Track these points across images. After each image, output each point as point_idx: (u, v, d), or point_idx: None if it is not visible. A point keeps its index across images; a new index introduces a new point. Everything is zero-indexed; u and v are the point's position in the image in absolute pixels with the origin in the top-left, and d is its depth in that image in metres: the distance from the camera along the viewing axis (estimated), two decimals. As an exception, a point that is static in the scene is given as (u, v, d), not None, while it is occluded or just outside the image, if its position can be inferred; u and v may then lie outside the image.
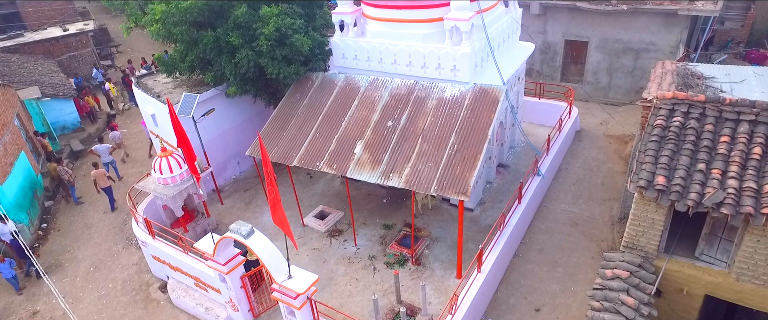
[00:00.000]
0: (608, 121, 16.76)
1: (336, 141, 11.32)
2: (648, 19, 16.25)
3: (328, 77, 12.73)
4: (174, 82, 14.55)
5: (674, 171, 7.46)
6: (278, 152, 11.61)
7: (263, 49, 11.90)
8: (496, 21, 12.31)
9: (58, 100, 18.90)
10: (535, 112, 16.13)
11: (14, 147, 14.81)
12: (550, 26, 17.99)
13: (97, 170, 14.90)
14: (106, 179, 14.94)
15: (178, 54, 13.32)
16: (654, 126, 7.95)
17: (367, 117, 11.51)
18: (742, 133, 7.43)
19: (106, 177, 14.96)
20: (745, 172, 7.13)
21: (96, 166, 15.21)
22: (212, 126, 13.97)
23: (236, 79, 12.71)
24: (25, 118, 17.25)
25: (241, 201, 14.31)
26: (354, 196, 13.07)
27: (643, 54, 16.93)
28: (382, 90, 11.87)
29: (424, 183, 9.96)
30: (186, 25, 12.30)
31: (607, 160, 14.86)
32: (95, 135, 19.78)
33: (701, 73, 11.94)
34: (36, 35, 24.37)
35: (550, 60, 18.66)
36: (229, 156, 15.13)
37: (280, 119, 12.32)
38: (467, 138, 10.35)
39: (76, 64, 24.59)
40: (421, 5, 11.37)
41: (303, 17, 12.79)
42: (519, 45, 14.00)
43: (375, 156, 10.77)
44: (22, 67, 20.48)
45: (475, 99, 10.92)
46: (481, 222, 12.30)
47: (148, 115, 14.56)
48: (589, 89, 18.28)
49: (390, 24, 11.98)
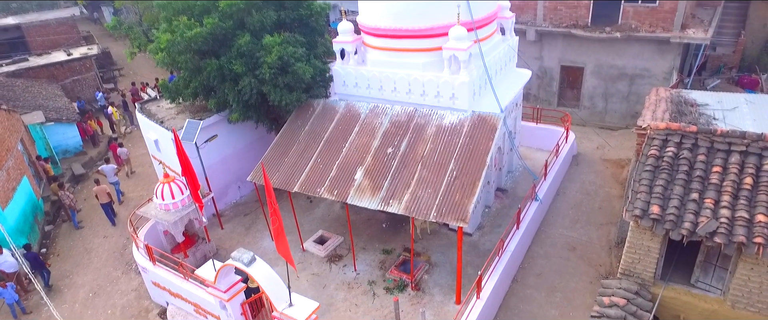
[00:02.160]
0: (604, 146, 17.00)
1: (337, 167, 11.49)
2: (641, 46, 16.65)
3: (330, 104, 12.98)
4: (177, 108, 14.79)
5: (668, 200, 7.64)
6: (279, 178, 11.77)
7: (266, 77, 12.17)
8: (493, 49, 12.63)
9: (61, 124, 19.11)
10: (533, 136, 16.36)
11: (17, 171, 14.95)
12: (546, 52, 18.38)
13: (99, 187, 15.40)
14: (107, 195, 15.44)
15: (182, 81, 13.59)
16: (648, 156, 8.15)
17: (368, 143, 11.71)
18: (733, 164, 7.63)
19: (106, 193, 15.44)
20: (737, 202, 7.30)
21: (98, 183, 15.69)
22: (214, 151, 14.14)
23: (239, 106, 12.95)
24: (28, 143, 17.42)
25: (242, 226, 14.40)
26: (354, 221, 13.17)
27: (637, 79, 17.28)
28: (382, 117, 12.10)
29: (424, 210, 10.10)
30: (190, 53, 12.59)
31: (604, 184, 15.04)
32: (97, 158, 19.98)
33: (694, 100, 12.23)
34: (40, 60, 24.73)
35: (547, 85, 19.00)
36: (230, 180, 15.27)
37: (282, 145, 12.51)
38: (466, 165, 10.53)
39: (79, 88, 24.90)
40: (421, 35, 11.69)
41: (305, 46, 13.10)
42: (516, 72, 14.31)
43: (375, 182, 10.93)
44: (26, 91, 20.75)
45: (473, 126, 11.14)
46: (480, 246, 12.40)
47: (150, 141, 14.75)
48: (586, 114, 18.57)
49: (390, 53, 12.28)
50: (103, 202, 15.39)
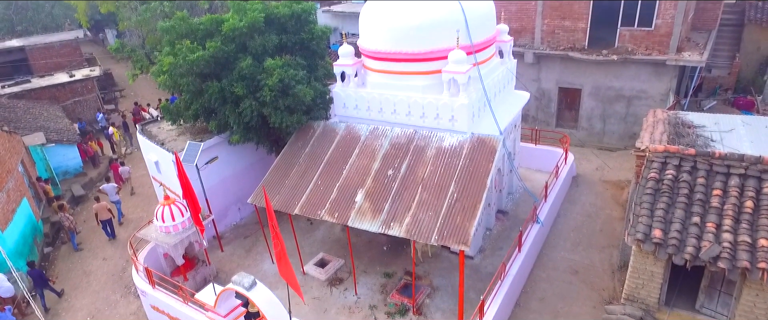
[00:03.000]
0: (604, 167, 17.05)
1: (337, 189, 11.50)
2: (638, 68, 16.86)
3: (330, 126, 13.06)
4: (178, 130, 14.86)
5: (670, 224, 7.64)
6: (280, 200, 11.76)
7: (267, 99, 12.27)
8: (491, 72, 12.79)
9: (62, 145, 19.16)
10: (532, 157, 16.42)
11: (17, 193, 14.93)
12: (543, 74, 18.60)
13: (99, 204, 15.57)
14: (107, 212, 15.61)
15: (183, 103, 13.70)
16: (648, 179, 8.19)
17: (368, 165, 11.74)
18: (733, 187, 7.66)
19: (107, 209, 15.59)
20: (739, 226, 7.31)
21: (98, 200, 15.84)
22: (214, 172, 14.15)
23: (240, 128, 13.02)
24: (28, 164, 17.44)
25: (242, 249, 14.31)
26: (354, 243, 13.11)
27: (634, 101, 17.44)
28: (382, 139, 12.17)
29: (425, 233, 10.07)
30: (192, 76, 12.71)
31: (605, 205, 15.04)
32: (97, 179, 19.98)
33: (691, 121, 12.32)
34: (43, 81, 24.94)
35: (545, 106, 19.16)
36: (230, 202, 15.25)
37: (282, 167, 12.53)
38: (466, 187, 10.55)
39: (81, 109, 25.05)
40: (420, 58, 11.84)
41: (306, 68, 13.24)
42: (514, 94, 14.45)
43: (376, 204, 10.92)
44: (27, 112, 20.86)
45: (473, 148, 11.20)
46: (482, 270, 12.32)
47: (151, 162, 14.78)
48: (584, 135, 18.69)
49: (390, 75, 12.42)
50: (103, 219, 15.57)
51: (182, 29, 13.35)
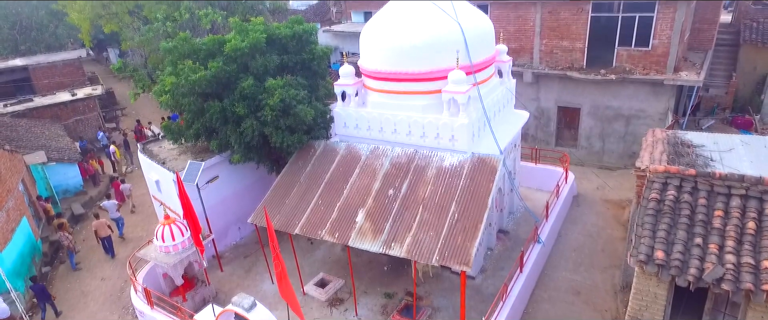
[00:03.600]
0: (604, 186, 17.05)
1: (338, 209, 11.48)
2: (636, 88, 17.00)
3: (330, 145, 13.10)
4: (179, 149, 14.90)
5: (672, 245, 7.61)
6: (280, 220, 11.72)
7: (268, 119, 12.34)
8: (491, 92, 12.89)
9: (63, 163, 19.18)
10: (532, 176, 16.43)
11: (17, 212, 14.88)
12: (542, 93, 18.74)
13: (99, 221, 15.68)
14: (107, 229, 15.68)
15: (185, 122, 13.77)
16: (649, 199, 8.18)
17: (369, 185, 11.75)
18: (734, 208, 7.66)
19: (106, 226, 15.66)
20: (742, 247, 7.28)
21: (97, 217, 16.01)
22: (214, 192, 14.14)
23: (241, 148, 13.06)
24: (29, 183, 17.43)
25: (241, 268, 14.21)
26: (355, 263, 13.01)
27: (633, 120, 17.54)
28: (382, 158, 12.20)
29: (426, 253, 10.02)
30: (194, 96, 12.81)
31: (606, 225, 14.99)
32: (97, 198, 19.94)
33: (691, 141, 12.36)
34: (45, 100, 25.09)
35: (544, 125, 19.26)
36: (231, 221, 15.20)
37: (283, 187, 12.53)
38: (467, 207, 10.53)
39: (82, 128, 25.15)
40: (420, 78, 11.95)
41: (307, 88, 13.35)
42: (514, 113, 14.53)
43: (376, 224, 10.89)
44: (29, 131, 20.94)
45: (473, 168, 11.22)
46: (484, 290, 12.21)
47: (152, 181, 14.78)
48: (584, 154, 18.73)
49: (390, 95, 12.51)
50: (102, 236, 15.63)
51: (185, 49, 13.50)
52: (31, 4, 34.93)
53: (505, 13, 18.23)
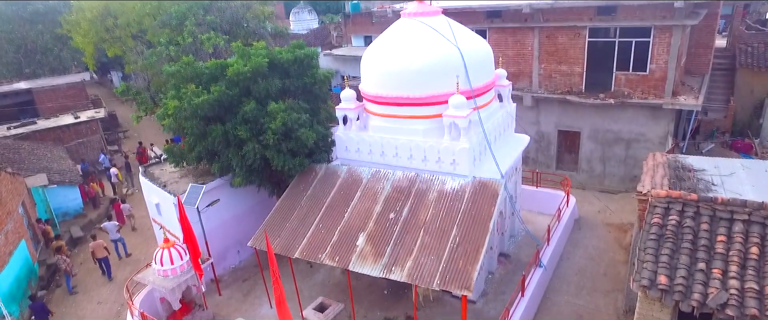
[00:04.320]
0: (605, 210, 17.00)
1: (338, 232, 11.43)
2: (635, 112, 17.12)
3: (332, 169, 13.13)
4: (180, 172, 14.92)
5: (675, 270, 7.56)
6: (281, 243, 11.66)
7: (270, 142, 12.40)
8: (491, 116, 12.98)
9: (64, 186, 19.19)
10: (534, 200, 16.40)
11: (15, 235, 14.82)
12: (542, 117, 18.86)
13: (96, 242, 15.71)
14: (103, 250, 15.71)
15: (187, 145, 13.83)
16: (651, 224, 8.16)
17: (370, 208, 11.72)
18: (737, 233, 7.63)
19: (103, 247, 15.69)
20: (746, 272, 7.23)
21: (94, 238, 16.01)
22: (214, 215, 14.09)
23: (242, 171, 13.08)
24: (29, 205, 17.40)
25: (240, 292, 14.06)
26: (355, 286, 12.87)
27: (633, 144, 17.60)
28: (384, 182, 12.20)
29: (427, 277, 9.93)
30: (197, 119, 12.90)
31: (608, 248, 14.89)
32: (96, 221, 19.87)
33: (691, 165, 12.41)
34: (48, 122, 25.26)
35: (545, 149, 19.32)
36: (230, 244, 15.11)
37: (283, 210, 12.50)
38: (469, 231, 10.49)
39: (84, 150, 25.23)
40: (421, 103, 12.05)
41: (308, 111, 13.46)
42: (514, 137, 14.60)
43: (377, 248, 10.83)
44: (31, 153, 21.01)
45: (475, 192, 11.21)
46: (485, 314, 12.05)
47: (152, 204, 14.76)
48: (585, 177, 18.74)
49: (391, 119, 12.60)
50: (99, 257, 15.66)
51: (188, 73, 13.64)
52: (36, 28, 35.53)
53: (503, 38, 18.50)
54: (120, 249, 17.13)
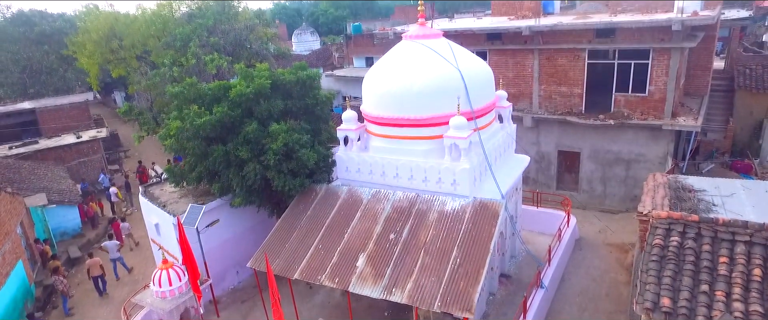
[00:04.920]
0: (606, 230, 16.92)
1: (338, 253, 11.36)
2: (635, 133, 17.20)
3: (332, 189, 13.12)
4: (180, 192, 14.92)
5: (678, 292, 7.49)
6: (280, 264, 11.58)
7: (271, 163, 12.44)
8: (492, 137, 13.04)
9: (63, 206, 19.15)
10: (534, 220, 16.33)
11: (13, 256, 14.72)
12: (542, 138, 18.94)
13: (92, 259, 15.79)
14: (99, 268, 15.72)
15: (188, 165, 13.86)
16: (653, 245, 8.12)
17: (370, 229, 11.68)
18: (739, 254, 7.59)
19: (99, 265, 15.72)
20: (749, 294, 7.16)
21: (91, 256, 16.12)
22: (214, 235, 14.03)
23: (242, 191, 13.08)
24: (27, 225, 17.35)
25: (238, 314, 13.89)
26: (354, 308, 12.73)
27: (633, 164, 17.62)
28: (384, 202, 12.19)
29: (428, 299, 9.84)
30: (198, 140, 12.97)
31: (610, 269, 14.77)
32: (95, 240, 19.78)
33: (692, 185, 12.40)
34: (50, 142, 25.36)
35: (545, 169, 19.34)
36: (229, 265, 15.00)
37: (283, 230, 12.46)
38: (469, 252, 10.43)
39: (85, 169, 25.27)
40: (422, 124, 12.12)
41: (309, 132, 13.53)
42: (515, 158, 14.62)
43: (377, 269, 10.75)
44: (32, 173, 21.05)
45: (475, 212, 11.19)
46: (487, 338, 11.89)
47: (151, 224, 14.71)
48: (585, 197, 18.70)
49: (392, 140, 12.64)
50: (95, 275, 15.67)
51: (191, 94, 13.78)
52: (42, 49, 36.01)
53: (503, 60, 18.72)
54: (118, 269, 17.02)
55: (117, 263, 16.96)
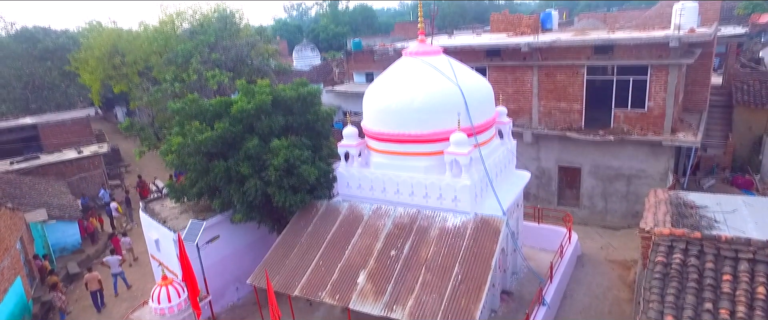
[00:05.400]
0: (608, 246, 16.84)
1: (339, 270, 11.30)
2: (635, 148, 17.22)
3: (333, 205, 13.10)
4: (181, 208, 14.89)
5: (682, 310, 7.43)
6: (280, 280, 11.51)
7: (272, 179, 12.45)
8: (492, 153, 13.06)
9: (63, 221, 19.09)
10: (536, 236, 16.25)
11: (11, 272, 14.63)
12: (543, 153, 18.96)
13: (91, 274, 15.79)
14: (97, 282, 15.72)
15: (188, 181, 13.86)
16: (656, 263, 8.08)
17: (371, 245, 11.63)
18: (743, 272, 7.55)
19: (97, 280, 15.73)
20: (753, 313, 7.10)
21: (90, 270, 16.12)
22: (214, 251, 13.97)
23: (243, 207, 13.06)
24: (27, 241, 17.27)
25: (238, 331, 13.76)
26: (355, 326, 12.62)
27: (634, 180, 17.61)
28: (385, 218, 12.16)
29: (429, 316, 9.76)
30: (200, 155, 13.00)
31: (612, 286, 14.65)
32: (94, 256, 19.67)
33: (693, 202, 12.39)
34: (51, 157, 25.38)
35: (546, 185, 19.32)
36: (229, 281, 14.89)
37: (284, 247, 12.41)
38: (471, 268, 10.37)
39: (86, 185, 25.24)
40: (423, 140, 12.16)
41: (310, 148, 13.56)
42: (515, 174, 14.62)
43: (378, 286, 10.68)
44: (33, 188, 21.02)
45: (476, 229, 11.16)
46: (489, 356, 11.75)
47: (151, 240, 14.65)
48: (586, 213, 18.65)
49: (393, 156, 12.66)
50: (93, 289, 15.64)
51: (192, 110, 13.84)
52: (45, 65, 36.29)
53: (503, 76, 18.84)
54: (119, 285, 16.95)
55: (117, 278, 16.88)
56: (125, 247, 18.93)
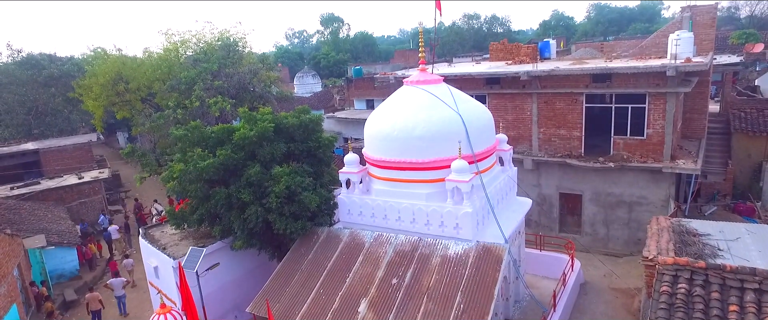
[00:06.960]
0: (611, 274, 16.66)
1: (340, 298, 11.17)
2: (635, 175, 17.26)
3: (334, 232, 13.05)
4: (180, 234, 14.81)
5: (689, 342, 7.33)
6: (280, 309, 11.36)
7: (273, 206, 12.42)
8: (493, 180, 13.08)
9: (61, 247, 18.94)
10: (538, 264, 16.10)
11: (7, 299, 14.41)
12: (544, 180, 18.98)
13: (92, 294, 16.03)
14: (98, 303, 15.99)
15: (189, 208, 13.83)
16: (660, 292, 8.01)
17: (372, 273, 11.53)
18: (749, 302, 7.47)
19: (98, 300, 15.88)
20: (762, 345, 7.00)
21: (91, 290, 16.35)
22: (213, 278, 13.80)
23: (243, 234, 12.99)
24: (24, 267, 17.09)
25: (236, 362, 13.48)
26: (356, 357, 12.37)
27: (635, 207, 17.58)
28: (386, 246, 12.09)
29: (432, 347, 9.59)
30: (201, 182, 13.00)
31: (616, 315, 14.45)
32: (91, 283, 19.43)
33: (696, 229, 12.36)
34: (51, 183, 25.35)
35: (547, 211, 19.27)
36: (228, 309, 14.66)
37: (284, 274, 12.30)
38: (473, 297, 10.25)
39: (85, 210, 25.14)
40: (424, 167, 12.20)
41: (312, 175, 13.58)
42: (517, 201, 14.61)
43: (380, 315, 10.54)
44: (32, 214, 20.94)
45: (478, 257, 11.08)
46: (492, 388, 11.47)
47: (150, 267, 14.51)
48: (588, 240, 18.54)
49: (394, 183, 12.68)
50: (93, 310, 15.73)
51: (195, 137, 13.92)
52: (49, 91, 36.64)
53: (502, 103, 19.04)
54: (122, 307, 16.93)
55: (120, 301, 16.87)
56: (127, 269, 18.90)
